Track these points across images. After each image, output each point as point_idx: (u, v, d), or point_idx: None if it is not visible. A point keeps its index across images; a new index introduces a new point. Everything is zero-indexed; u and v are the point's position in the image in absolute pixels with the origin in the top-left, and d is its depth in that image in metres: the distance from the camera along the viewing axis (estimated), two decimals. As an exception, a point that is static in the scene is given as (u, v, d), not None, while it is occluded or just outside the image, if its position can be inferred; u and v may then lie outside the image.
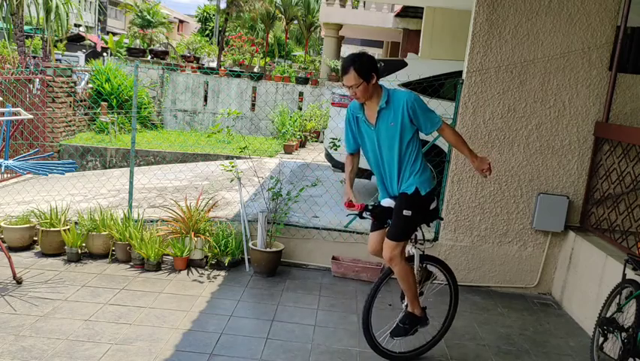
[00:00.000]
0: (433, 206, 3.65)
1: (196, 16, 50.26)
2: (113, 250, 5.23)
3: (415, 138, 3.52)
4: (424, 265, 3.82)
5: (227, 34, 29.17)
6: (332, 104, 7.24)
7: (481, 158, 3.55)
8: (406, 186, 3.49)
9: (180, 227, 5.26)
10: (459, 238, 5.32)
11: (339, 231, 5.41)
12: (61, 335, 3.75)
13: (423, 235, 3.73)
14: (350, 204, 3.53)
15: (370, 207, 3.56)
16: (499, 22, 5.00)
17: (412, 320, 3.73)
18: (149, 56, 19.40)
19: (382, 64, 6.64)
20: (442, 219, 4.05)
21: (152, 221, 5.55)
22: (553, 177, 5.19)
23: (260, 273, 5.15)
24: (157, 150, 11.84)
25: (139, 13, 30.61)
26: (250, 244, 5.24)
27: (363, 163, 3.78)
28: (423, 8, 11.38)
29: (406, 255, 3.64)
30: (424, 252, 3.76)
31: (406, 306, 3.76)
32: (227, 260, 5.16)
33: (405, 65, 6.40)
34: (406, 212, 3.43)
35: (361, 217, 3.62)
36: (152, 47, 25.38)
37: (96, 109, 13.58)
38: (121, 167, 11.09)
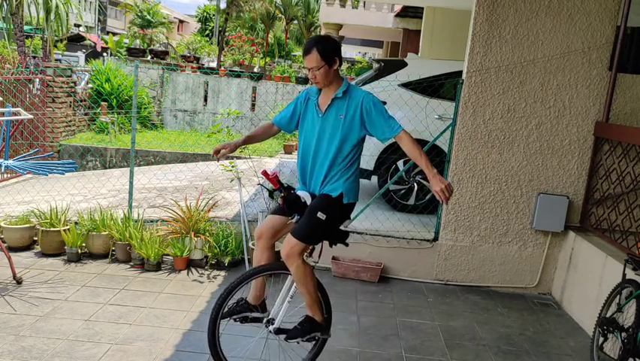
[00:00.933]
0: (345, 225, 3.36)
1: (196, 16, 50.28)
2: (113, 250, 5.23)
3: (359, 144, 3.26)
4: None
5: (227, 34, 29.18)
6: None
7: (439, 178, 2.99)
8: (332, 188, 3.21)
9: (180, 227, 5.26)
10: (459, 238, 5.32)
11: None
12: (61, 335, 3.75)
13: (320, 253, 3.39)
14: (266, 174, 3.23)
15: (285, 188, 3.24)
16: (499, 23, 5.00)
17: (312, 325, 3.35)
18: (149, 56, 19.41)
19: (382, 64, 6.65)
20: (347, 245, 3.40)
21: (152, 221, 5.55)
22: (553, 177, 5.19)
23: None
24: (157, 150, 11.84)
25: (139, 13, 30.63)
26: (250, 244, 5.24)
27: (364, 163, 3.73)
28: (423, 8, 11.38)
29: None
30: (314, 266, 3.34)
31: (268, 323, 3.40)
32: (227, 260, 5.16)
33: (405, 65, 6.40)
34: (320, 214, 3.13)
35: (271, 196, 3.35)
36: (152, 47, 25.38)
37: (96, 109, 13.59)
38: (121, 167, 11.09)
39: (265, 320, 3.41)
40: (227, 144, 3.40)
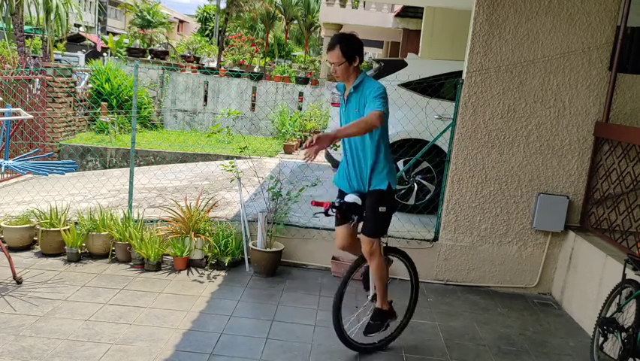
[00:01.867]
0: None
1: (196, 16, 50.29)
2: (113, 250, 5.23)
3: (382, 134, 3.49)
4: (386, 256, 3.89)
5: (227, 34, 29.19)
6: (332, 104, 7.24)
7: (326, 136, 3.13)
8: (379, 181, 3.52)
9: (180, 227, 5.26)
10: (459, 238, 5.32)
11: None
12: (61, 335, 3.75)
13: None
14: (317, 203, 3.63)
15: (337, 205, 3.60)
16: (499, 23, 5.00)
17: (382, 315, 3.81)
18: (149, 56, 19.41)
19: (382, 64, 6.65)
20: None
21: (152, 221, 5.55)
22: (553, 177, 5.19)
23: (260, 273, 5.15)
24: (157, 150, 11.84)
25: (139, 13, 30.64)
26: (250, 244, 5.24)
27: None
28: (423, 8, 11.38)
29: None
30: (387, 243, 3.87)
31: (373, 298, 3.87)
32: (227, 260, 5.16)
33: (405, 65, 6.40)
34: (381, 209, 3.51)
35: (327, 215, 3.68)
36: (152, 47, 25.39)
37: (96, 109, 13.59)
38: (121, 167, 11.10)
39: (369, 296, 3.93)
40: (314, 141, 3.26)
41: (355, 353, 3.89)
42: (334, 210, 3.61)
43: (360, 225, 3.70)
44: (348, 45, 3.42)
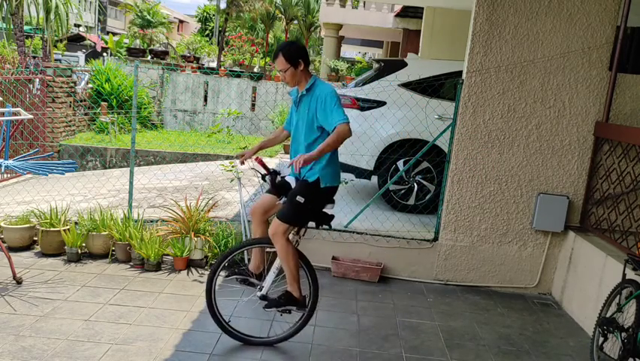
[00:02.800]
0: (328, 208, 3.76)
1: (196, 16, 50.28)
2: (113, 250, 5.23)
3: (325, 134, 3.60)
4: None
5: (227, 34, 29.19)
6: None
7: (303, 157, 3.37)
8: (309, 174, 3.63)
9: (180, 227, 5.26)
10: (459, 238, 5.32)
11: (339, 231, 5.41)
12: (61, 335, 3.75)
13: (305, 231, 3.84)
14: (261, 161, 3.80)
15: (272, 172, 3.78)
16: (499, 23, 5.00)
17: (289, 299, 3.78)
18: (149, 56, 19.41)
19: (382, 64, 6.65)
20: (330, 227, 3.90)
21: (152, 221, 5.55)
22: (553, 177, 5.19)
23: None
24: (157, 150, 11.84)
25: (139, 13, 30.64)
26: (250, 244, 5.23)
27: (364, 163, 3.84)
28: (423, 8, 11.38)
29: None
30: (297, 243, 3.82)
31: (260, 289, 3.84)
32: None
33: (405, 65, 6.40)
34: (299, 198, 3.58)
35: (263, 179, 3.86)
36: (152, 47, 25.40)
37: (96, 109, 13.59)
38: (121, 167, 11.09)
39: (259, 287, 3.88)
40: (246, 152, 4.03)
41: (356, 353, 3.89)
42: (270, 178, 3.77)
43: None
44: (290, 51, 3.62)
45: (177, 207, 5.44)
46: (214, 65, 26.37)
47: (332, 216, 3.81)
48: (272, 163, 9.65)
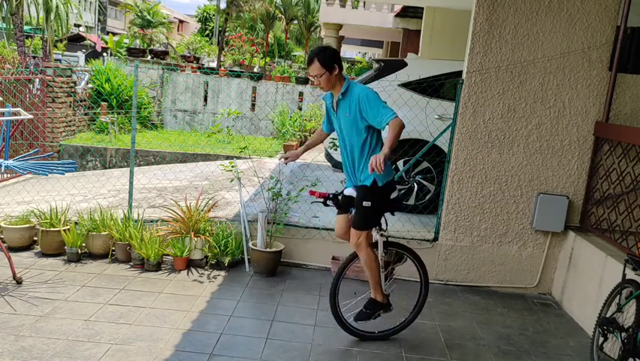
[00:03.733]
0: (393, 195, 3.88)
1: (196, 16, 50.29)
2: (113, 250, 5.23)
3: (373, 131, 3.72)
4: (388, 251, 4.06)
5: (227, 34, 29.19)
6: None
7: (381, 158, 3.36)
8: (364, 178, 3.73)
9: (180, 227, 5.26)
10: (459, 238, 5.32)
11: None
12: (61, 335, 3.75)
13: (386, 222, 3.97)
14: (313, 193, 3.92)
15: (331, 196, 3.91)
16: (499, 23, 5.00)
17: (374, 305, 4.01)
18: (149, 56, 19.40)
19: (382, 64, 6.65)
20: (393, 213, 4.02)
21: (152, 221, 5.55)
22: (553, 177, 5.19)
23: (260, 273, 5.15)
24: (157, 150, 11.84)
25: (139, 13, 30.65)
26: (250, 244, 5.24)
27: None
28: (423, 8, 11.38)
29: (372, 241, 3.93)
30: (387, 238, 3.99)
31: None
32: (227, 260, 5.16)
33: (405, 65, 6.40)
34: (365, 203, 3.71)
35: (325, 205, 3.96)
36: (152, 47, 25.40)
37: (96, 109, 13.59)
38: (121, 167, 11.09)
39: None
40: (291, 153, 4.19)
41: (356, 353, 3.90)
42: (331, 201, 3.91)
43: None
44: (325, 56, 3.67)
45: (177, 207, 5.44)
46: (214, 65, 26.37)
47: (396, 200, 3.95)
48: (272, 163, 9.66)
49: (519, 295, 5.27)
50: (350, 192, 3.85)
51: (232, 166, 5.50)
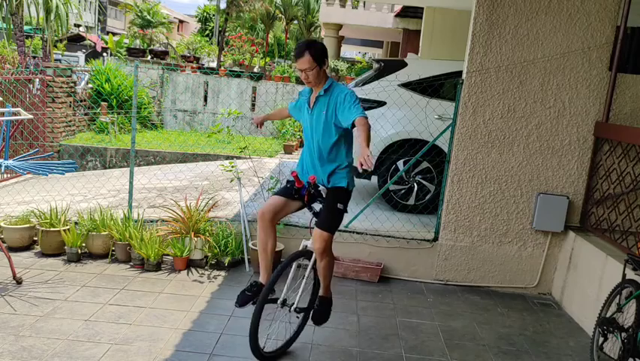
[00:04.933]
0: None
1: (196, 16, 50.27)
2: (113, 250, 5.23)
3: (345, 135, 3.60)
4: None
5: (227, 34, 29.17)
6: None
7: (365, 149, 3.26)
8: (339, 179, 3.61)
9: (180, 227, 5.26)
10: (459, 238, 5.32)
11: (339, 231, 5.41)
12: (61, 335, 3.75)
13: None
14: (297, 177, 3.63)
15: (308, 188, 3.60)
16: (499, 23, 5.00)
17: (329, 303, 3.85)
18: (149, 56, 19.41)
19: (382, 64, 6.65)
20: (346, 212, 3.76)
21: (152, 221, 5.55)
22: (553, 177, 5.19)
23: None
24: (157, 150, 11.84)
25: (139, 13, 30.65)
26: (250, 244, 5.24)
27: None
28: (423, 8, 11.38)
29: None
30: (306, 247, 3.80)
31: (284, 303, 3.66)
32: (227, 260, 5.16)
33: (405, 65, 6.40)
34: (340, 205, 3.59)
35: (295, 193, 3.69)
36: (152, 47, 25.39)
37: (96, 109, 13.59)
38: (121, 167, 11.09)
39: (279, 301, 3.64)
40: (256, 118, 4.17)
41: (356, 353, 3.90)
42: (304, 192, 3.61)
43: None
44: (317, 50, 3.52)
45: (177, 207, 5.44)
46: (214, 65, 26.36)
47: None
48: (272, 163, 9.66)
49: (519, 295, 5.27)
50: (322, 188, 3.63)
51: (232, 166, 5.50)
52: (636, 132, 4.50)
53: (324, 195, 3.62)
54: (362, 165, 3.16)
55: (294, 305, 3.67)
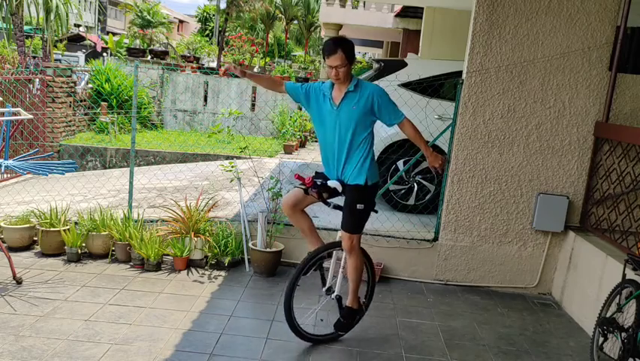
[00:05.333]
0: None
1: (196, 16, 50.28)
2: (113, 250, 5.23)
3: (371, 131, 3.75)
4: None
5: (227, 34, 29.17)
6: None
7: (435, 154, 3.78)
8: (356, 176, 3.69)
9: (180, 227, 5.26)
10: (459, 238, 5.32)
11: (339, 231, 5.40)
12: (61, 335, 3.75)
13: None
14: (300, 177, 3.76)
15: (319, 184, 3.73)
16: (499, 23, 5.00)
17: (352, 313, 3.95)
18: (149, 56, 19.41)
19: (382, 64, 6.65)
20: (376, 211, 3.97)
21: (152, 221, 5.55)
22: (553, 177, 5.19)
23: (260, 273, 5.15)
24: (157, 150, 11.83)
25: (139, 13, 30.65)
26: (250, 244, 5.24)
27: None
28: (423, 8, 11.38)
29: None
30: (339, 238, 3.94)
31: (329, 291, 3.98)
32: (227, 260, 5.16)
33: (405, 65, 6.40)
34: (359, 206, 3.68)
35: (306, 193, 3.83)
36: (152, 47, 25.38)
37: (96, 109, 13.58)
38: (121, 167, 11.09)
39: (324, 288, 3.99)
40: (235, 67, 3.97)
41: (356, 353, 3.90)
42: (315, 190, 3.74)
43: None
44: (348, 47, 3.60)
45: (177, 207, 5.44)
46: (214, 65, 26.35)
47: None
48: (272, 163, 9.66)
49: (519, 295, 5.27)
50: (334, 184, 3.74)
51: (232, 166, 5.49)
52: (636, 132, 4.50)
53: (339, 191, 3.73)
54: (435, 167, 3.69)
55: (335, 293, 3.93)
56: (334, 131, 3.70)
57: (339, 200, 3.83)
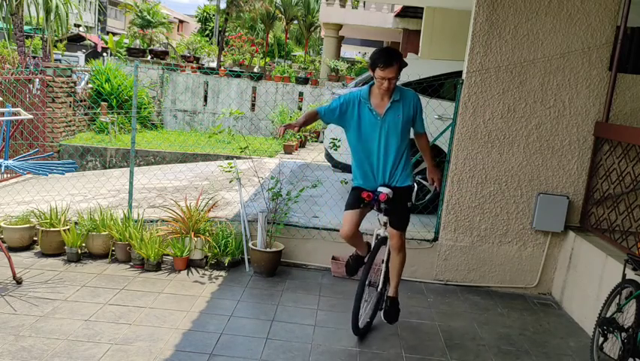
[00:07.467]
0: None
1: (196, 16, 50.25)
2: (113, 250, 5.23)
3: (409, 135, 3.97)
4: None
5: (227, 34, 29.17)
6: None
7: (437, 168, 4.17)
8: (405, 179, 3.95)
9: (180, 227, 5.26)
10: (459, 238, 5.32)
11: (337, 230, 5.40)
12: (61, 335, 3.75)
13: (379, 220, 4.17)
14: (367, 195, 3.86)
15: (376, 197, 3.84)
16: (499, 23, 5.00)
17: (396, 302, 4.16)
18: (149, 56, 19.40)
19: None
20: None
21: (152, 221, 5.55)
22: (553, 177, 5.19)
23: (260, 273, 5.15)
24: (157, 150, 11.84)
25: (139, 13, 30.63)
26: (250, 244, 5.24)
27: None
28: (423, 8, 11.38)
29: (376, 238, 4.16)
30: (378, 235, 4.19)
31: (382, 291, 4.20)
32: (227, 260, 5.16)
33: (405, 65, 6.38)
34: (409, 204, 3.99)
35: (366, 206, 3.97)
36: (152, 47, 25.38)
37: (96, 109, 13.58)
38: (121, 167, 11.09)
39: (366, 282, 4.09)
40: (293, 123, 3.96)
41: (356, 353, 3.90)
42: (375, 204, 3.88)
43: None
44: (403, 61, 3.78)
45: (177, 207, 5.44)
46: (214, 65, 26.34)
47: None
48: (272, 163, 9.66)
49: (519, 295, 5.27)
50: (387, 190, 3.86)
51: (231, 167, 5.49)
52: (636, 132, 4.50)
53: (390, 197, 3.86)
54: (437, 184, 4.07)
55: (379, 286, 4.17)
56: (379, 140, 3.85)
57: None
